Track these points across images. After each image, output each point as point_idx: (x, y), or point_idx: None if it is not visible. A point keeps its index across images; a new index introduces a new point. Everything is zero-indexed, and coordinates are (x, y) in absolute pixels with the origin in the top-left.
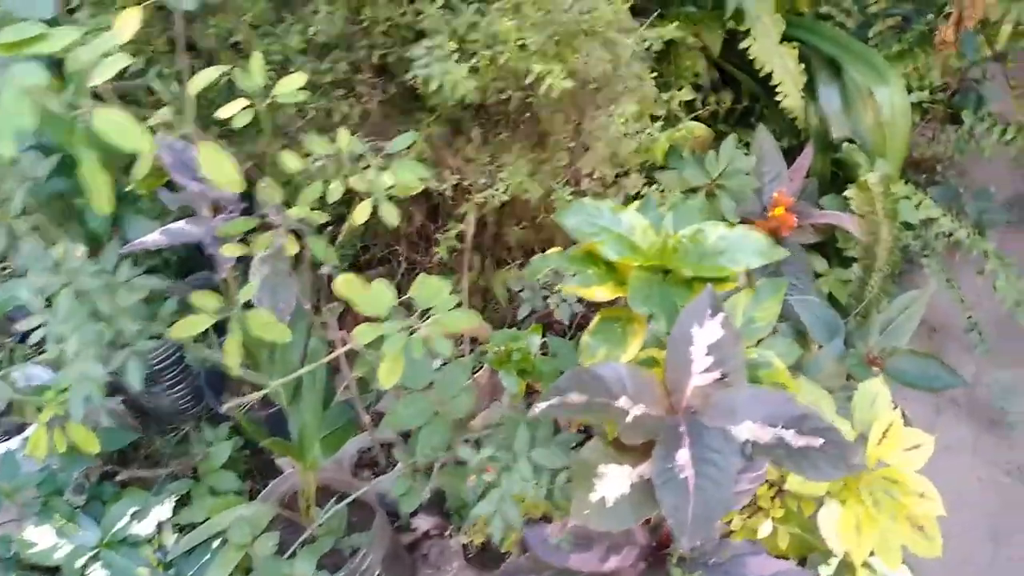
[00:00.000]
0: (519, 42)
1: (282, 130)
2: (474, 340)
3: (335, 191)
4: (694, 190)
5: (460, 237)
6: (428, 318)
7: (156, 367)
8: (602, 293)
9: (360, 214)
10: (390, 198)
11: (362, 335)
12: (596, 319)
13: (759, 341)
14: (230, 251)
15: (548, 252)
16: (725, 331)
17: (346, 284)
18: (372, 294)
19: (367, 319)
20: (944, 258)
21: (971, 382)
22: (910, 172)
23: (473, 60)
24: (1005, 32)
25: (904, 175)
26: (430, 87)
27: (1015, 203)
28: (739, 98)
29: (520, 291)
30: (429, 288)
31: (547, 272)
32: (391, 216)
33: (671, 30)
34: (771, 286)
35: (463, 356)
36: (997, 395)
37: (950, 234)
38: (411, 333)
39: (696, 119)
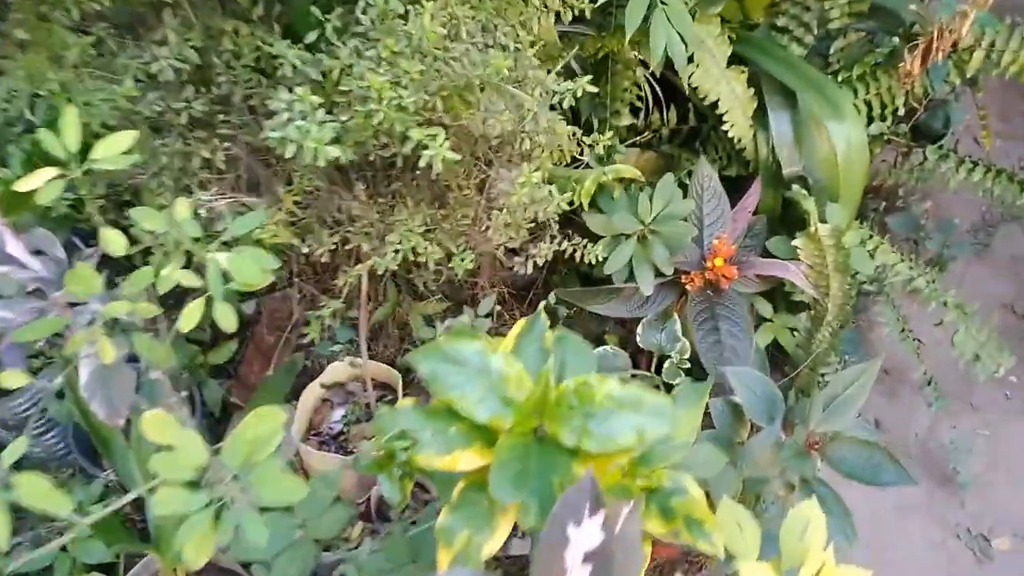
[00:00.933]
0: (395, 101)
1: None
2: (384, 386)
3: (166, 281)
4: (626, 235)
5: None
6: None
7: (21, 413)
8: (467, 460)
9: (188, 319)
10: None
11: (160, 504)
12: (459, 489)
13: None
14: (14, 379)
15: (399, 404)
16: (606, 536)
17: (153, 425)
18: (178, 448)
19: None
20: (901, 300)
21: (924, 435)
22: (868, 199)
23: (346, 117)
24: (978, 58)
25: (861, 207)
26: (286, 153)
27: (980, 229)
28: (685, 117)
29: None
30: (256, 430)
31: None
32: (227, 320)
33: (584, 83)
34: (692, 393)
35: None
36: (951, 452)
37: (909, 279)
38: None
39: (635, 145)
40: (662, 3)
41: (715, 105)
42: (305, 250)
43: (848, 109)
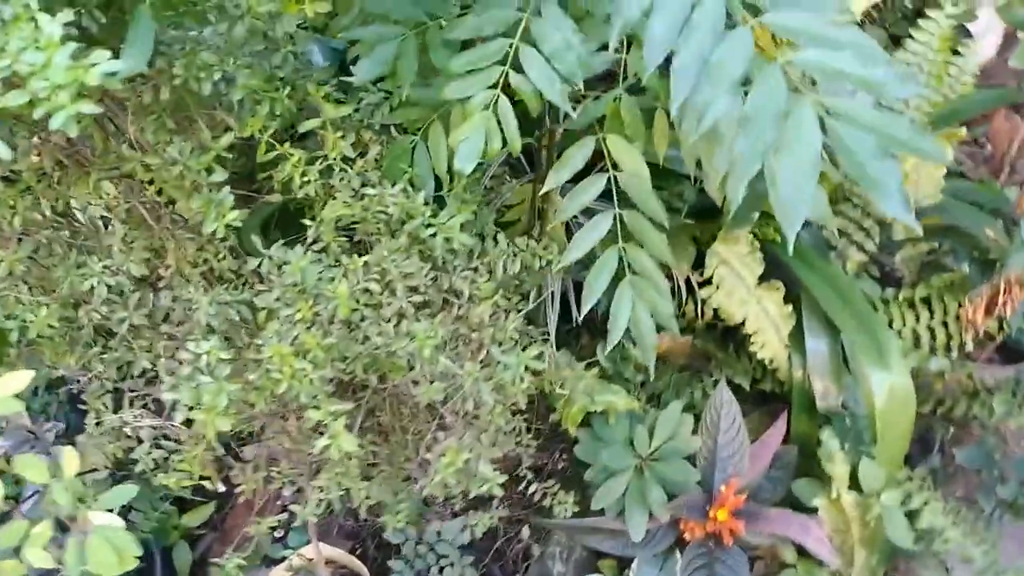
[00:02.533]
0: (305, 376)
1: None
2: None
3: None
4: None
5: None
6: None
7: None
8: None
9: None
10: None
11: None
12: None
13: None
14: None
15: None
16: None
17: None
18: None
19: None
20: (954, 562)
21: None
22: (934, 420)
23: (253, 376)
24: None
25: (921, 429)
26: (176, 417)
27: None
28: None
29: None
30: None
31: None
32: None
33: (528, 358)
34: None
35: None
36: None
37: (961, 548)
38: None
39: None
40: (632, 272)
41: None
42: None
43: (895, 357)
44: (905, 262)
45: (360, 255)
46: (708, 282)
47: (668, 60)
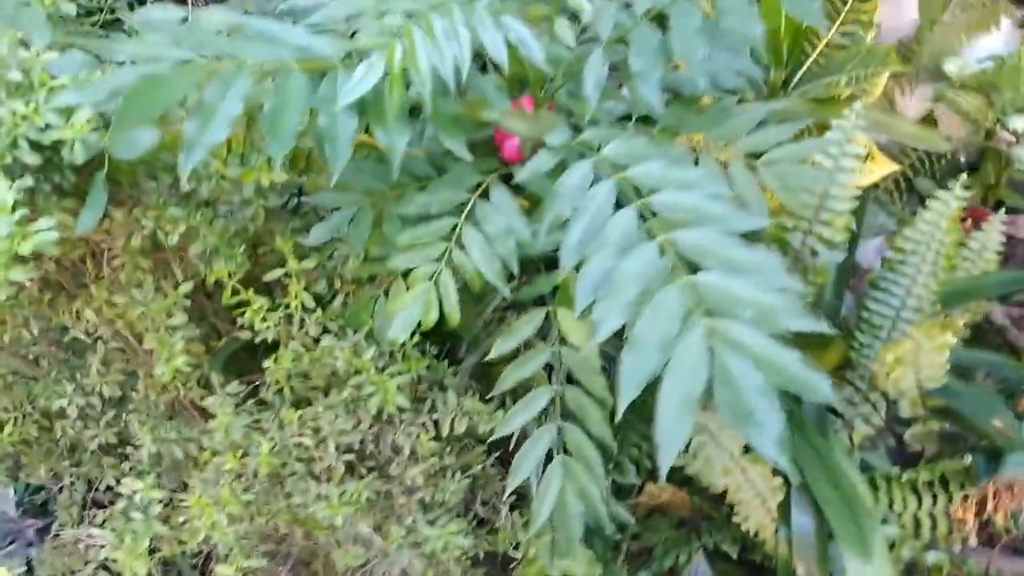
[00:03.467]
0: (222, 528)
1: None
2: None
3: None
4: None
5: None
6: None
7: None
8: None
9: None
10: None
11: None
12: None
13: None
14: None
15: None
16: None
17: None
18: None
19: None
20: None
21: None
22: None
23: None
24: None
25: None
26: (100, 553)
27: None
28: None
29: None
30: None
31: None
32: None
33: (449, 533)
34: None
35: None
36: None
37: None
38: None
39: None
40: (566, 452)
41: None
42: None
43: (877, 549)
44: (917, 438)
45: (305, 405)
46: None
47: None
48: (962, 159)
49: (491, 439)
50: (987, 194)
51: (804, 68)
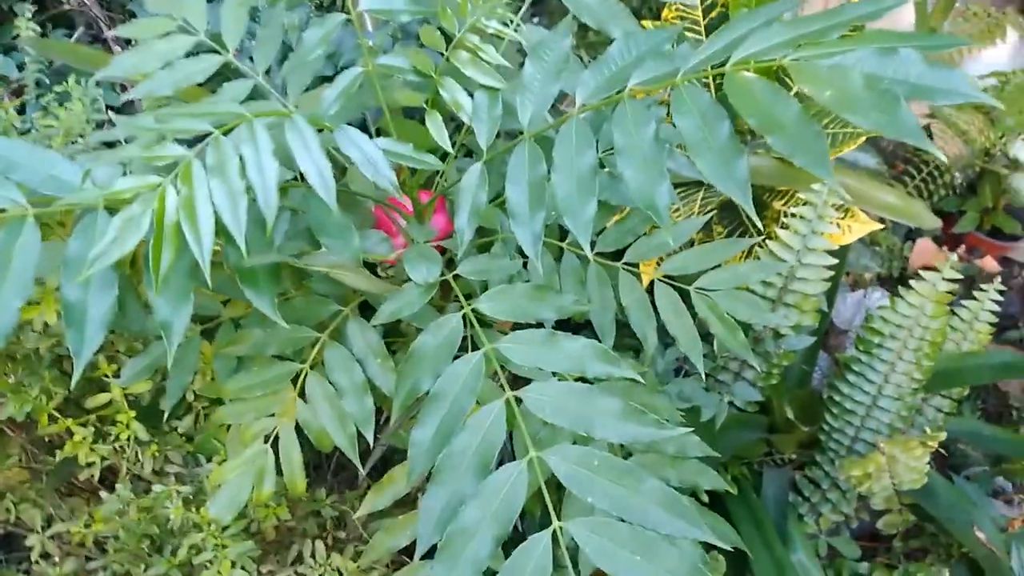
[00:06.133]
0: None
1: None
2: None
3: None
4: None
5: None
6: None
7: None
8: None
9: None
10: None
11: None
12: None
13: None
14: None
15: None
16: None
17: None
18: None
19: None
20: None
21: None
22: None
23: None
24: None
25: None
26: None
27: None
28: None
29: None
30: None
31: None
32: None
33: None
34: None
35: None
36: None
37: None
38: None
39: None
40: None
41: None
42: None
43: None
44: (890, 526)
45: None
46: None
47: None
48: (958, 178)
49: None
50: (983, 219)
51: None
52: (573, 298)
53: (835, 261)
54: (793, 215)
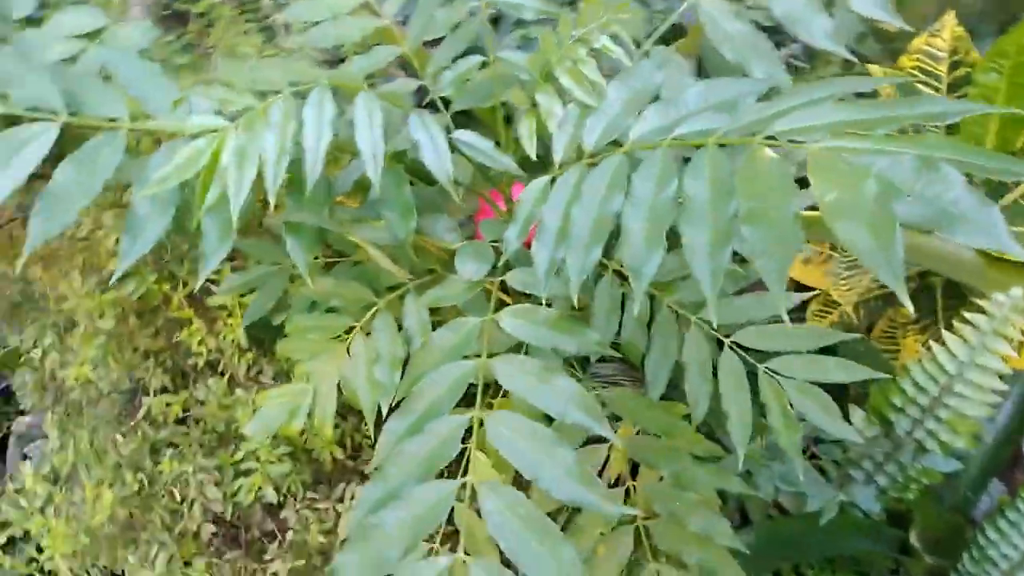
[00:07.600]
0: None
1: None
2: None
3: None
4: None
5: None
6: None
7: None
8: None
9: None
10: None
11: None
12: None
13: None
14: None
15: None
16: None
17: None
18: None
19: None
20: None
21: None
22: None
23: None
24: None
25: None
26: None
27: None
28: None
29: None
30: None
31: None
32: None
33: None
34: None
35: None
36: None
37: None
38: None
39: None
40: None
41: None
42: None
43: None
44: None
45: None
46: None
47: None
48: None
49: None
50: None
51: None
52: (598, 338)
53: (1005, 387)
54: (966, 321)
